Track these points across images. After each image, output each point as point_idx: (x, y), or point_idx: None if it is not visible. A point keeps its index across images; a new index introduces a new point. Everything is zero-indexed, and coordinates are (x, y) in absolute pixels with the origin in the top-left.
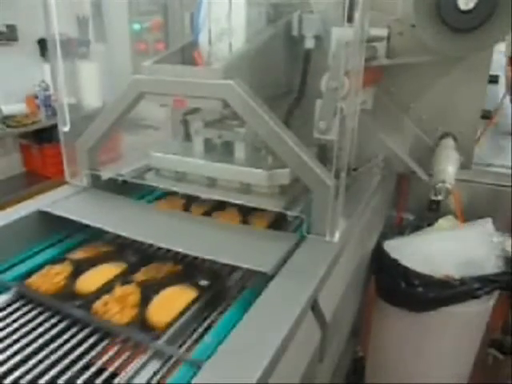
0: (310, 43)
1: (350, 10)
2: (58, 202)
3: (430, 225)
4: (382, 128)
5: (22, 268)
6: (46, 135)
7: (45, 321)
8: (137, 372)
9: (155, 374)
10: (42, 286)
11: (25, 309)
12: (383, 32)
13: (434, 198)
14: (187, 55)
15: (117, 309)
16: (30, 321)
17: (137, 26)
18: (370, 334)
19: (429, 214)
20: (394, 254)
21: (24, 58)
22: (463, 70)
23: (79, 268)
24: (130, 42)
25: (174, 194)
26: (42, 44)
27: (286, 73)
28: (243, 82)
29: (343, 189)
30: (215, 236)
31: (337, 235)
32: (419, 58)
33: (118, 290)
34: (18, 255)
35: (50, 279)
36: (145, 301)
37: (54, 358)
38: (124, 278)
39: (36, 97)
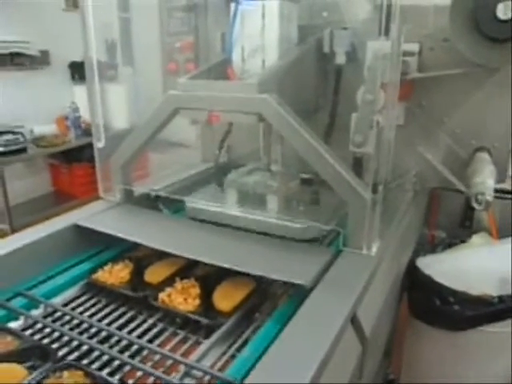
0: (341, 59)
1: (386, 22)
2: (93, 216)
3: (462, 242)
4: (414, 142)
5: (56, 282)
6: (75, 155)
7: (115, 309)
8: None
9: None
10: (108, 280)
11: (95, 299)
12: (415, 47)
13: (475, 206)
14: (220, 72)
15: (180, 299)
16: (101, 309)
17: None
18: (401, 354)
19: (461, 231)
20: (427, 271)
21: (55, 81)
22: (495, 84)
23: (140, 264)
24: (161, 62)
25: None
26: (73, 68)
27: (317, 89)
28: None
29: (380, 202)
30: (251, 249)
31: (374, 249)
32: (450, 71)
33: (179, 284)
34: (54, 268)
35: (115, 274)
36: (207, 292)
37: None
38: (183, 273)
39: (66, 118)
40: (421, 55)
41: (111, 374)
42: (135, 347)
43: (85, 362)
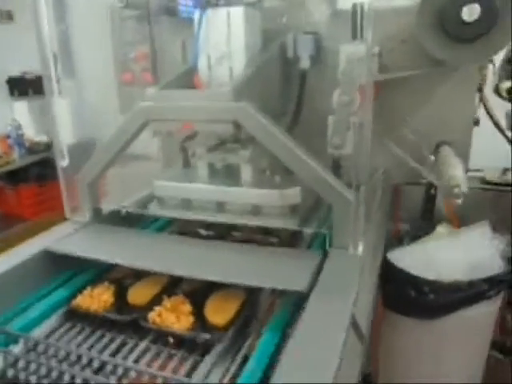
0: (305, 63)
1: (355, 27)
2: (63, 239)
3: (426, 233)
4: (381, 141)
5: (33, 313)
6: (20, 175)
7: (103, 336)
8: None
9: None
10: (91, 305)
11: (79, 326)
12: (374, 49)
13: (454, 199)
14: (187, 81)
15: (173, 318)
16: (87, 337)
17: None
18: (378, 348)
19: (423, 223)
20: (399, 264)
21: None
22: (453, 82)
23: (122, 285)
24: (115, 73)
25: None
26: (11, 83)
27: (282, 93)
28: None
29: (363, 202)
30: (236, 258)
31: (360, 248)
32: (409, 72)
33: (168, 302)
34: (28, 298)
35: (97, 299)
36: (198, 308)
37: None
38: (169, 290)
39: (8, 136)
40: (381, 57)
41: None
42: (133, 373)
43: None
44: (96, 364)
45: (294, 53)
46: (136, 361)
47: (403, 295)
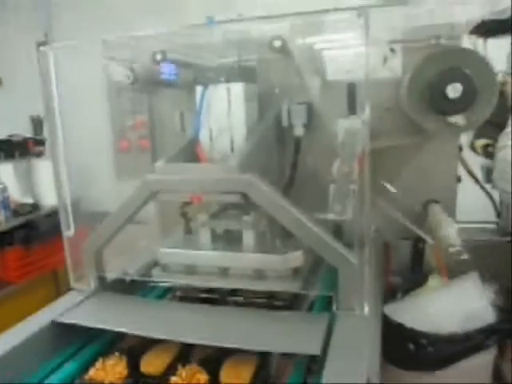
0: (299, 131)
1: (352, 104)
2: (69, 310)
3: (418, 285)
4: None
5: None
6: (5, 238)
7: None
8: None
9: None
10: (105, 379)
11: None
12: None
13: (453, 257)
14: (189, 153)
15: None
16: None
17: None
18: None
19: (413, 275)
20: (396, 319)
21: None
22: (436, 145)
23: (134, 355)
24: (113, 140)
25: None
26: None
27: (279, 159)
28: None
29: (367, 264)
30: (245, 324)
31: (366, 308)
32: (398, 141)
33: (183, 371)
34: (35, 374)
35: (111, 371)
36: (213, 375)
37: None
38: (182, 357)
39: None
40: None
41: None
42: None
43: None
44: None
45: (289, 121)
46: None
47: (402, 349)
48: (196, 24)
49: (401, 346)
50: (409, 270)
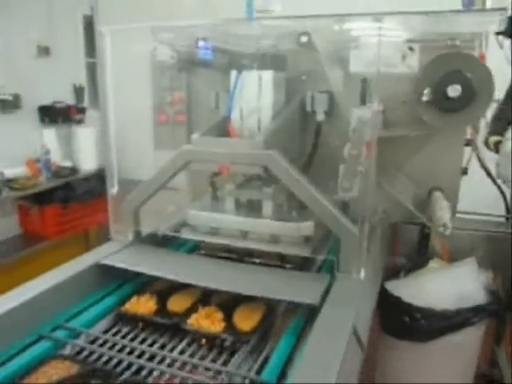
0: (320, 117)
1: (364, 96)
2: (111, 255)
3: (421, 267)
4: (380, 184)
5: (88, 315)
6: (46, 197)
7: (151, 334)
8: None
9: None
10: (138, 310)
11: (128, 327)
12: (380, 106)
13: (441, 234)
14: (222, 129)
15: (208, 323)
16: (137, 335)
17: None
18: (374, 370)
19: (418, 257)
20: (395, 293)
21: (26, 124)
22: (444, 137)
23: (162, 296)
24: (153, 113)
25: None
26: (42, 111)
27: (300, 140)
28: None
29: (366, 236)
30: (259, 277)
31: (362, 273)
32: (409, 131)
33: (203, 311)
34: (82, 303)
35: (143, 305)
36: (227, 316)
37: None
38: (202, 302)
39: (37, 160)
40: (384, 113)
41: None
42: (179, 363)
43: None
44: (147, 354)
45: (312, 107)
46: (180, 353)
47: (398, 321)
48: (236, 18)
49: (398, 318)
50: (414, 253)
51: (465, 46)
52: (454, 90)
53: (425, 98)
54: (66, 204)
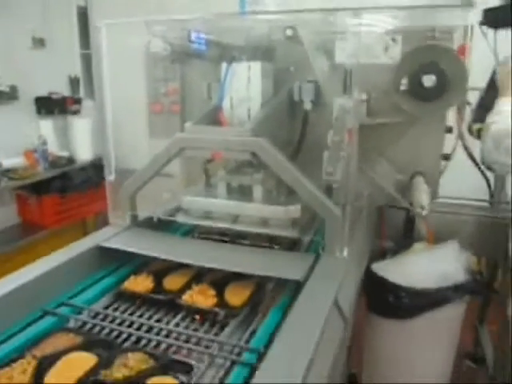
0: (308, 105)
1: (346, 84)
2: (110, 238)
3: (406, 249)
4: (364, 169)
5: (89, 294)
6: (43, 186)
7: (147, 310)
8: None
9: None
10: (136, 288)
11: (127, 304)
12: (363, 96)
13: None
14: (213, 117)
15: (201, 298)
16: (135, 310)
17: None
18: (362, 349)
19: (405, 240)
20: (380, 274)
21: (22, 115)
22: (425, 124)
23: (158, 275)
24: (147, 103)
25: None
26: (39, 102)
27: (289, 128)
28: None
29: (348, 218)
30: (249, 257)
31: (345, 253)
32: (391, 119)
33: (196, 288)
34: (83, 283)
35: (140, 284)
36: (219, 293)
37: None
38: (195, 280)
39: (34, 151)
40: (369, 102)
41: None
42: (174, 334)
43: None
44: (145, 327)
45: (299, 97)
46: (176, 325)
47: (383, 300)
48: (227, 13)
49: (383, 297)
50: (400, 236)
51: (443, 37)
52: (428, 80)
53: (402, 88)
54: (64, 193)
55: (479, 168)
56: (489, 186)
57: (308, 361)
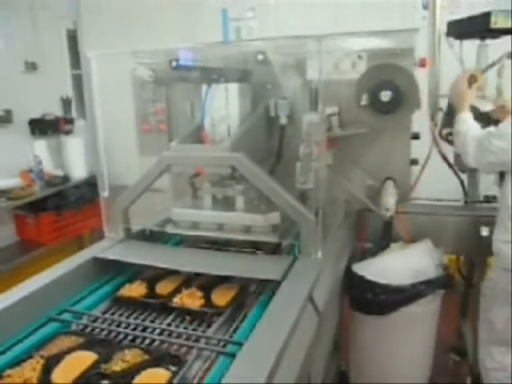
0: (283, 120)
1: (315, 102)
2: (106, 250)
3: (384, 249)
4: (341, 177)
5: (88, 301)
6: (40, 205)
7: (141, 313)
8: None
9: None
10: (131, 294)
11: (123, 309)
12: (335, 109)
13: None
14: (197, 136)
15: (190, 301)
16: (131, 314)
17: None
18: (349, 347)
19: (383, 242)
20: (360, 273)
21: (17, 137)
22: (391, 134)
23: (151, 282)
24: (136, 123)
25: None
26: (33, 124)
27: (266, 143)
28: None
29: (321, 222)
30: (233, 261)
31: (319, 254)
32: (360, 130)
33: (185, 291)
34: (81, 292)
35: (134, 290)
36: (206, 295)
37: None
38: (185, 285)
39: (30, 171)
40: (340, 115)
41: None
42: (167, 332)
43: None
44: (141, 327)
45: (275, 112)
46: (163, 330)
47: (363, 297)
48: (210, 43)
49: (362, 295)
50: (379, 238)
51: (403, 54)
52: (385, 95)
53: (363, 103)
54: (60, 211)
55: (454, 171)
56: (463, 186)
57: (279, 348)
